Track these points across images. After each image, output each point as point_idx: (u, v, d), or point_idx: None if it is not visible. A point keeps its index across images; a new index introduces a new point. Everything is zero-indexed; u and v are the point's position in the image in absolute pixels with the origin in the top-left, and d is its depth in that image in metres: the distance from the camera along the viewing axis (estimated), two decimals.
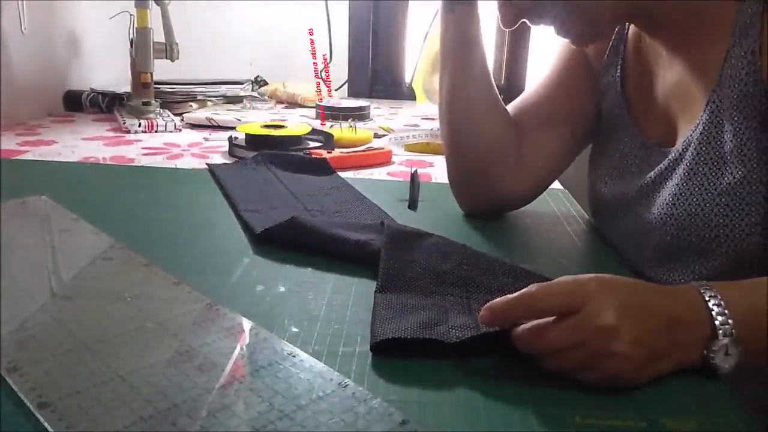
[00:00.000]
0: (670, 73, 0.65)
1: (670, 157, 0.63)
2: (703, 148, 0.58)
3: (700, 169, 0.58)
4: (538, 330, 0.44)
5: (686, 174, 0.60)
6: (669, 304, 0.45)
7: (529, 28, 0.78)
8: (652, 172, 0.65)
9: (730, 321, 0.44)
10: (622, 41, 0.72)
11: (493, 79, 0.76)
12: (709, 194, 0.57)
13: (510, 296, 0.45)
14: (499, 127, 0.76)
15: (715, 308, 0.44)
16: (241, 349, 0.46)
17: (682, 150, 0.61)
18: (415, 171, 0.84)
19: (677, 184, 0.60)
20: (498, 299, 0.46)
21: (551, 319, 0.44)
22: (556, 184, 0.92)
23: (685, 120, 0.63)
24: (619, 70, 0.72)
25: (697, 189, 0.58)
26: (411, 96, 1.56)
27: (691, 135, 0.60)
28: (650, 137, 0.68)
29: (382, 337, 0.47)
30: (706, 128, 0.58)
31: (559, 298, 0.44)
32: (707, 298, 0.45)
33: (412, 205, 0.82)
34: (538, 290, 0.45)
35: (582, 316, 0.43)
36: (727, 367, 0.44)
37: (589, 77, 0.76)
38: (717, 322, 0.44)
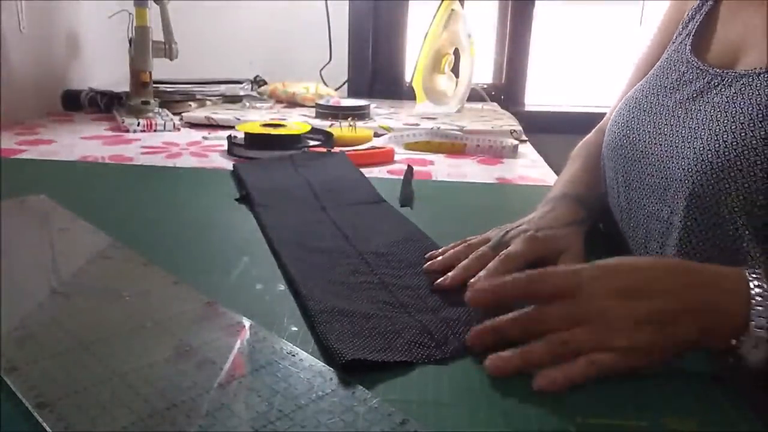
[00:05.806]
0: None
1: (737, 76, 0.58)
2: None
3: None
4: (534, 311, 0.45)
5: None
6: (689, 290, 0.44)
7: (530, 28, 0.76)
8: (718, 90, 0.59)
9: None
10: None
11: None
12: None
13: (503, 277, 0.46)
14: None
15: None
16: (241, 348, 0.46)
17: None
18: (408, 167, 0.83)
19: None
20: (484, 280, 0.46)
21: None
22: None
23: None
24: (702, 16, 0.66)
25: None
26: (411, 95, 1.56)
27: None
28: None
29: (349, 357, 0.44)
30: None
31: (554, 281, 0.45)
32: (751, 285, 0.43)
33: (405, 201, 0.82)
34: (533, 273, 0.45)
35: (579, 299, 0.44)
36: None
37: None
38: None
